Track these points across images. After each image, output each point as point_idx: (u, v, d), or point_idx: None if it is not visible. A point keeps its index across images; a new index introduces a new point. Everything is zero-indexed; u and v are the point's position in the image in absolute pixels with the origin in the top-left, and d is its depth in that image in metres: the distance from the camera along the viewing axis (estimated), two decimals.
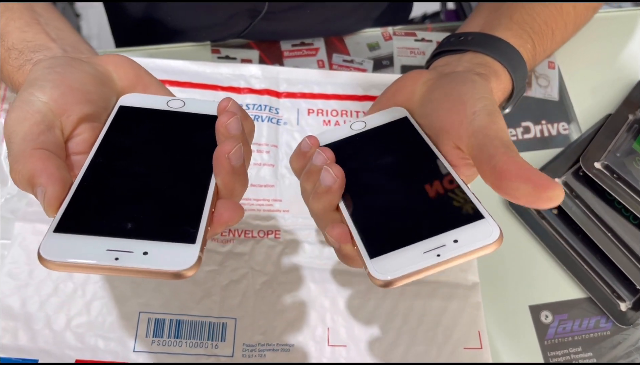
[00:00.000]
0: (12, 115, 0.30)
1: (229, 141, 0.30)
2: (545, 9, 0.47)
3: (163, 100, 0.35)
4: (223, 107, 0.33)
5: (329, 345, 0.43)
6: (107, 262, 0.26)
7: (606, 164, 0.49)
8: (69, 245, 0.26)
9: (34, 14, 0.41)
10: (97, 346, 0.41)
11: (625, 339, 0.47)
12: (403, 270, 0.27)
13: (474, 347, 0.44)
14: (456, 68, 0.41)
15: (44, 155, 0.29)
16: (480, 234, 0.28)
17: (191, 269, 0.26)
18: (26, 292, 0.42)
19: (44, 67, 0.33)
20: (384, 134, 0.37)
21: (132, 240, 0.27)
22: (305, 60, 0.58)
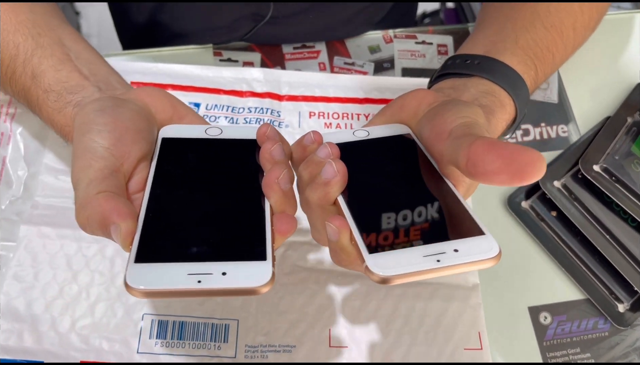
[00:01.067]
0: (78, 164, 0.32)
1: (276, 167, 0.32)
2: (547, 34, 0.47)
3: (201, 129, 0.37)
4: (262, 133, 0.35)
5: (331, 346, 0.44)
6: (192, 286, 0.27)
7: (605, 166, 0.49)
8: (152, 274, 0.27)
9: (64, 49, 0.42)
10: (102, 347, 0.41)
11: (623, 339, 0.47)
12: (402, 269, 0.27)
13: (474, 348, 0.44)
14: (462, 94, 0.40)
15: (109, 196, 0.30)
16: (481, 248, 0.28)
17: (267, 284, 0.28)
18: (32, 294, 0.43)
19: (93, 110, 0.34)
20: (387, 144, 0.37)
21: (210, 263, 0.28)
22: (307, 62, 0.58)
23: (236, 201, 0.33)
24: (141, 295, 0.27)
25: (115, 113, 0.34)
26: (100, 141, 0.32)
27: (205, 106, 0.52)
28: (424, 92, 0.39)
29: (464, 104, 0.35)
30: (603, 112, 0.56)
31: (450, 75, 0.44)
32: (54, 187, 0.47)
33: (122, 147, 0.33)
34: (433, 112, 0.36)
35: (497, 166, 0.28)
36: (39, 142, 0.50)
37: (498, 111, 0.40)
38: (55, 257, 0.44)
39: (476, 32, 0.50)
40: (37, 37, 0.41)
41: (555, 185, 0.51)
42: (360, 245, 0.29)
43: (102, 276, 0.44)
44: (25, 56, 0.41)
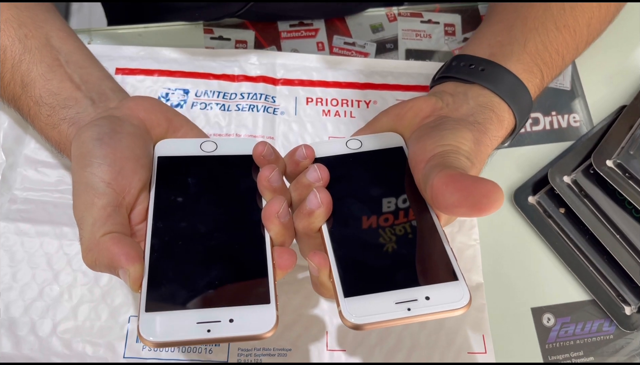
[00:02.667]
0: (79, 200, 0.32)
1: (275, 200, 0.32)
2: (559, 35, 0.44)
3: (196, 144, 0.37)
4: (259, 153, 0.35)
5: (328, 349, 0.42)
6: (203, 336, 0.28)
7: (619, 162, 0.47)
8: (163, 324, 0.28)
9: (53, 52, 0.40)
10: (85, 352, 0.39)
11: (628, 343, 0.46)
12: (373, 318, 0.29)
13: (478, 352, 0.42)
14: (460, 106, 0.39)
15: (115, 238, 0.30)
16: (451, 297, 0.29)
17: (272, 329, 0.29)
18: (9, 296, 0.40)
19: (91, 139, 0.34)
20: (378, 161, 0.37)
21: (217, 309, 0.29)
22: (304, 41, 0.55)
23: (238, 232, 0.33)
24: (155, 346, 0.28)
25: (113, 142, 0.34)
26: (100, 175, 0.32)
27: (194, 93, 0.49)
28: (422, 102, 0.39)
29: (451, 130, 0.35)
30: (618, 101, 0.53)
31: (453, 78, 0.42)
32: (34, 180, 0.44)
33: (123, 180, 0.33)
34: (418, 134, 0.36)
35: (455, 199, 0.29)
36: (20, 130, 0.46)
37: (493, 129, 0.39)
38: (34, 255, 0.42)
39: (484, 27, 0.47)
40: (24, 39, 0.40)
41: (564, 181, 0.48)
42: (337, 286, 0.30)
43: (85, 276, 0.41)
44: (13, 62, 0.39)
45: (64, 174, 0.45)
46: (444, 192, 0.29)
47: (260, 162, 0.36)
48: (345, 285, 0.30)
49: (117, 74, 0.49)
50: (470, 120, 0.38)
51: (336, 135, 0.49)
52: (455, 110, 0.39)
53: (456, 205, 0.29)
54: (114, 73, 0.49)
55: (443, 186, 0.29)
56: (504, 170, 0.50)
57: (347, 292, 0.30)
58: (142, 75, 0.49)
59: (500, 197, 0.28)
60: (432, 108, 0.39)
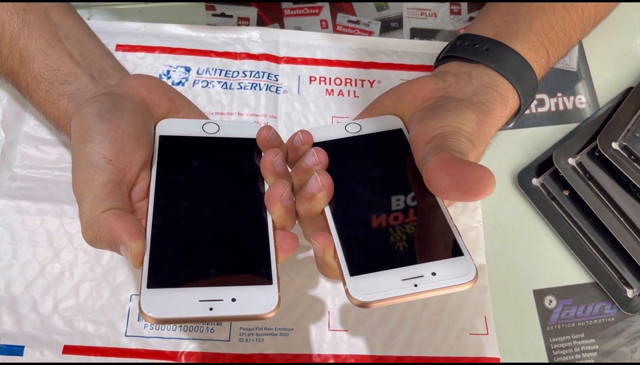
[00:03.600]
0: (80, 176, 0.32)
1: (279, 184, 0.32)
2: (567, 14, 0.43)
3: (198, 125, 0.37)
4: (263, 137, 0.35)
5: (330, 329, 0.42)
6: (205, 314, 0.28)
7: (624, 144, 0.46)
8: (165, 300, 0.28)
9: (52, 27, 0.39)
10: (87, 331, 0.39)
11: (629, 326, 0.46)
12: (380, 295, 0.28)
13: (480, 333, 0.42)
14: (464, 87, 0.39)
15: (116, 214, 0.30)
16: (458, 271, 0.29)
17: (274, 310, 0.29)
18: (10, 273, 0.40)
19: (92, 115, 0.33)
20: (378, 143, 0.37)
21: (220, 288, 0.29)
22: (307, 19, 0.54)
23: (240, 213, 0.33)
24: (156, 323, 0.28)
25: (115, 119, 0.33)
26: (102, 152, 0.32)
27: (196, 70, 0.48)
28: (421, 82, 0.39)
29: (453, 111, 0.35)
30: (624, 83, 0.52)
31: (457, 58, 0.41)
32: (34, 158, 0.44)
33: (124, 157, 0.32)
34: (420, 115, 0.36)
35: (447, 184, 0.29)
36: (19, 107, 0.46)
37: (497, 109, 0.38)
38: (35, 233, 0.41)
39: (491, 6, 0.46)
40: (23, 13, 0.39)
41: (569, 163, 0.48)
42: (343, 265, 0.30)
43: (86, 254, 0.41)
44: (12, 36, 0.38)
45: (64, 151, 0.44)
46: (436, 176, 0.30)
47: (264, 146, 0.35)
48: (350, 264, 0.30)
49: (117, 50, 0.48)
50: (474, 100, 0.38)
51: (339, 115, 0.49)
52: (459, 91, 0.39)
53: (448, 189, 0.29)
54: (114, 50, 0.48)
55: (436, 170, 0.30)
56: (508, 152, 0.50)
57: (353, 271, 0.30)
58: (143, 52, 0.48)
59: (491, 183, 0.28)
60: (433, 88, 0.38)
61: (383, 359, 0.41)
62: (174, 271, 0.29)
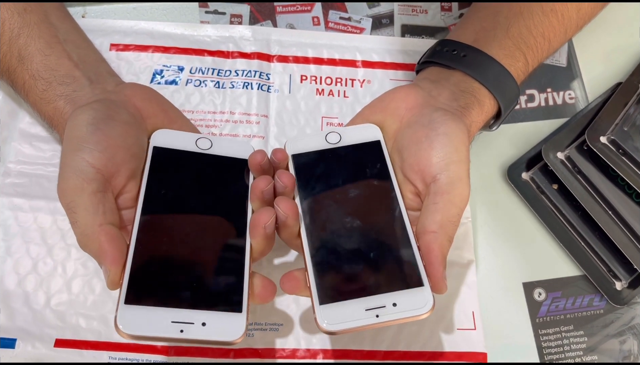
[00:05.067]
0: (69, 184, 0.32)
1: (264, 212, 0.34)
2: (545, 19, 0.43)
3: (192, 139, 0.38)
4: (257, 163, 0.36)
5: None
6: (175, 335, 0.29)
7: (612, 138, 0.47)
8: (140, 318, 0.29)
9: (51, 28, 0.40)
10: (79, 325, 0.40)
11: (618, 318, 0.46)
12: (345, 325, 0.31)
13: (467, 328, 0.43)
14: (442, 92, 0.40)
15: (111, 234, 0.32)
16: (417, 303, 0.32)
17: (241, 337, 0.30)
18: (3, 268, 0.41)
19: (86, 123, 0.34)
20: (356, 157, 0.38)
21: (192, 311, 0.30)
22: (300, 16, 0.54)
23: (220, 236, 0.34)
24: (129, 338, 0.29)
25: (107, 129, 0.34)
26: (91, 161, 0.33)
27: (189, 70, 0.49)
28: (403, 92, 0.40)
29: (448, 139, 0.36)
30: (614, 78, 0.52)
31: (436, 63, 0.43)
32: (28, 154, 0.44)
33: (112, 167, 0.34)
34: (417, 137, 0.37)
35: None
36: (14, 104, 0.46)
37: (475, 113, 0.40)
38: (28, 230, 0.42)
39: (472, 13, 0.46)
40: (23, 13, 0.40)
41: (558, 157, 0.48)
42: (314, 294, 0.32)
43: (78, 251, 0.42)
44: (11, 35, 0.39)
45: (58, 148, 0.45)
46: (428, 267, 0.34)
47: (257, 171, 0.37)
48: (320, 293, 0.32)
49: (111, 50, 0.49)
50: (454, 106, 0.39)
51: (329, 115, 0.49)
52: (438, 96, 0.40)
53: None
54: (108, 49, 0.49)
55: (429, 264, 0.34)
56: (497, 147, 0.50)
57: (322, 300, 0.32)
58: (137, 51, 0.49)
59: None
60: (414, 98, 0.40)
61: (371, 354, 0.41)
62: (151, 289, 0.31)
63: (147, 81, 0.48)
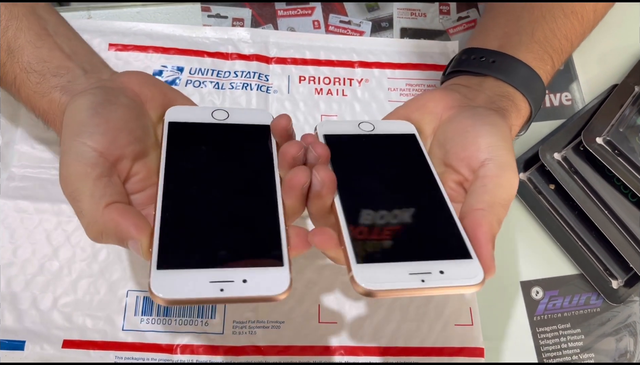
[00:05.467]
0: (71, 170, 0.31)
1: (301, 172, 0.31)
2: (567, 21, 0.44)
3: (207, 112, 0.36)
4: (282, 128, 0.34)
5: (320, 322, 0.43)
6: (215, 294, 0.27)
7: (608, 139, 0.47)
8: (175, 281, 0.27)
9: (40, 21, 0.39)
10: (85, 325, 0.41)
11: (614, 316, 0.47)
12: (386, 285, 0.28)
13: (465, 324, 0.44)
14: (478, 95, 0.40)
15: (120, 208, 0.30)
16: (466, 273, 0.29)
17: (286, 291, 0.28)
18: (10, 271, 0.41)
19: (85, 108, 0.33)
20: (390, 144, 0.36)
21: (230, 269, 0.28)
22: (300, 20, 0.55)
23: (251, 198, 0.32)
24: (166, 303, 0.27)
25: (106, 112, 0.33)
26: (92, 144, 0.31)
27: (188, 70, 0.49)
28: (439, 94, 0.39)
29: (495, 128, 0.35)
30: (610, 80, 0.53)
31: (465, 72, 0.42)
32: (30, 157, 0.45)
33: (115, 150, 0.32)
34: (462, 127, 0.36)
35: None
36: (12, 108, 0.47)
37: (514, 116, 0.39)
38: (34, 232, 0.43)
39: (488, 19, 0.47)
40: (10, 5, 0.38)
41: (555, 158, 0.49)
42: (349, 252, 0.29)
43: (83, 252, 0.42)
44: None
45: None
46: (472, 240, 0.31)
47: (283, 136, 0.35)
48: (357, 253, 0.29)
49: (110, 49, 0.49)
50: (494, 107, 0.38)
51: (329, 113, 0.50)
52: (475, 98, 0.39)
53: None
54: (107, 48, 0.49)
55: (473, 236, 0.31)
56: None
57: (360, 259, 0.29)
58: (136, 51, 0.49)
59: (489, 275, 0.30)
60: (452, 98, 0.39)
61: (371, 349, 0.42)
62: (183, 253, 0.29)
63: None
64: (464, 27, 0.55)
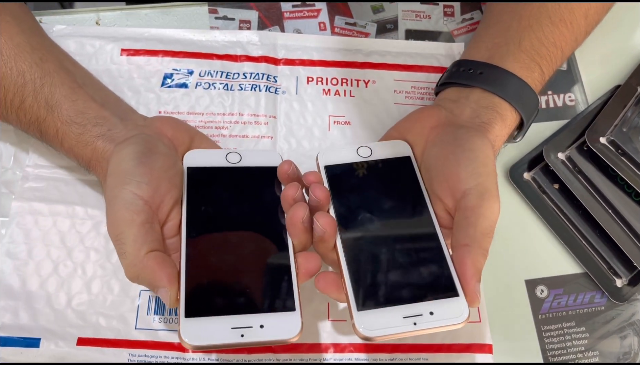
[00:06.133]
0: (119, 216, 0.34)
1: (299, 207, 0.35)
2: (555, 29, 0.45)
3: (222, 155, 0.40)
4: (284, 172, 0.38)
5: (330, 319, 0.44)
6: (237, 340, 0.31)
7: (612, 139, 0.48)
8: (201, 329, 0.31)
9: (70, 74, 0.41)
10: (99, 324, 0.41)
11: (619, 314, 0.47)
12: (383, 331, 0.32)
13: (472, 321, 0.44)
14: (464, 110, 0.42)
15: (158, 258, 0.33)
16: (453, 312, 0.33)
17: (298, 334, 0.32)
18: (26, 271, 0.42)
19: (130, 157, 0.36)
20: (387, 171, 0.40)
21: (249, 316, 0.32)
22: (306, 22, 0.55)
23: (264, 242, 0.36)
24: (195, 350, 0.32)
25: (150, 161, 0.36)
26: (139, 193, 0.34)
27: (198, 73, 0.50)
28: (426, 113, 0.42)
29: (474, 154, 0.37)
30: (613, 81, 0.53)
31: (455, 83, 0.44)
32: (45, 156, 0.46)
33: (158, 198, 0.35)
34: (444, 155, 0.39)
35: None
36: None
37: (497, 128, 0.41)
38: (48, 233, 0.43)
39: (482, 30, 0.48)
40: (41, 63, 0.41)
41: (559, 157, 0.50)
42: (351, 300, 0.33)
43: (97, 253, 0.43)
44: (34, 85, 0.40)
45: None
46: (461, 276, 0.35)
47: (285, 180, 0.38)
48: (358, 300, 0.33)
49: (122, 55, 0.50)
50: (477, 122, 0.40)
51: (336, 113, 0.50)
52: (460, 114, 0.41)
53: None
54: (119, 54, 0.50)
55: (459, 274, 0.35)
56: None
57: (360, 306, 0.33)
58: (147, 55, 0.50)
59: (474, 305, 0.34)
60: (437, 118, 0.42)
61: (380, 347, 0.43)
62: (208, 301, 0.32)
63: (158, 84, 0.49)
64: (468, 29, 0.56)
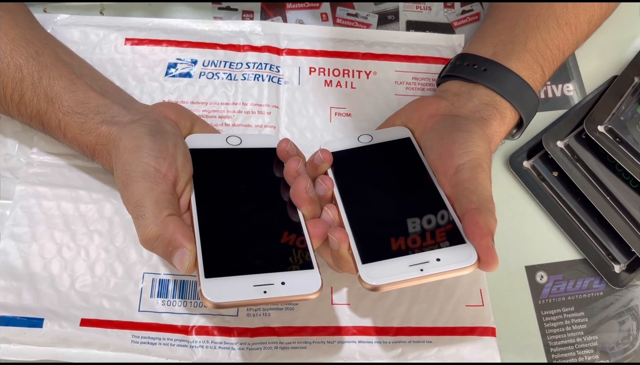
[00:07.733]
0: (137, 185, 0.34)
1: (301, 179, 0.36)
2: (560, 32, 0.46)
3: (222, 138, 0.41)
4: (283, 149, 0.39)
5: (333, 303, 0.44)
6: (260, 296, 0.31)
7: (610, 127, 0.49)
8: (223, 287, 0.32)
9: (67, 66, 0.42)
10: (102, 306, 0.41)
11: (617, 299, 0.48)
12: (389, 279, 0.32)
13: (475, 305, 0.45)
14: (465, 104, 0.42)
15: (179, 222, 0.34)
16: (460, 257, 0.33)
17: (318, 290, 0.33)
18: (29, 252, 0.42)
19: (145, 133, 0.37)
20: (388, 150, 0.41)
21: (269, 274, 0.33)
22: (309, 12, 0.56)
23: (274, 212, 0.37)
24: (216, 307, 0.31)
25: (164, 138, 0.37)
26: (157, 166, 0.35)
27: (202, 63, 0.50)
28: (426, 102, 0.43)
29: (469, 134, 0.38)
30: (610, 71, 0.54)
31: (458, 77, 0.45)
32: (49, 143, 0.46)
33: (175, 172, 0.36)
34: (437, 135, 0.40)
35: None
36: None
37: (496, 124, 0.42)
38: (52, 216, 0.43)
39: (488, 25, 0.48)
40: (37, 56, 0.41)
41: (558, 146, 0.50)
42: (355, 255, 0.34)
43: (100, 236, 0.43)
44: (32, 79, 0.40)
45: None
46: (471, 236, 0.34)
47: (284, 157, 0.39)
48: (362, 253, 0.34)
49: (126, 44, 0.50)
50: (476, 116, 0.41)
51: (338, 105, 0.51)
52: (461, 108, 0.42)
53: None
54: (123, 43, 0.50)
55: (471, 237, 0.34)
56: None
57: (364, 259, 0.33)
58: (152, 45, 0.51)
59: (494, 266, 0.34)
60: (437, 106, 0.42)
61: (383, 330, 0.43)
62: (227, 262, 0.33)
63: (162, 74, 0.50)
64: (468, 20, 0.57)
